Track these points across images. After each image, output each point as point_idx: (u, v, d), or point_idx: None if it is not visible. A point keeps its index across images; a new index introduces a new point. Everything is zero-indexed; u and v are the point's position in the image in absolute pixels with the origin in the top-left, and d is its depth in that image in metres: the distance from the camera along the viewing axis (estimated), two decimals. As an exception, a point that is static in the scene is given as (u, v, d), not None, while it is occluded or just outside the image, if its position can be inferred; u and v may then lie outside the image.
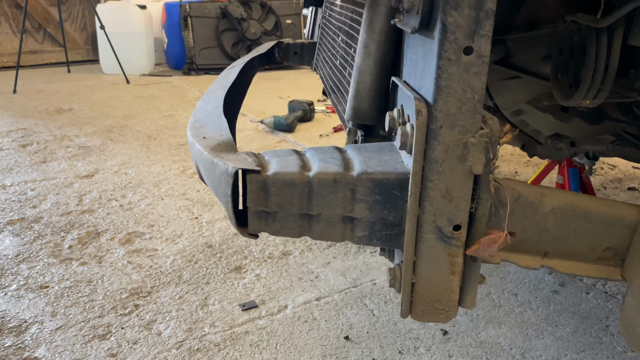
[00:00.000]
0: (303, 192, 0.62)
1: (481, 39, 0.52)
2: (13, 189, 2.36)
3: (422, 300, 0.64)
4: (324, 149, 0.69)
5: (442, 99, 0.53)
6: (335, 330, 1.39)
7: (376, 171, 0.61)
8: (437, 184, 0.57)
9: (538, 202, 0.66)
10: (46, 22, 5.13)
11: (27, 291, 1.58)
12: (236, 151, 0.68)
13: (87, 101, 4.04)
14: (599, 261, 0.70)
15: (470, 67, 0.53)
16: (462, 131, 0.55)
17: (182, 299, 1.54)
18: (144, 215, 2.10)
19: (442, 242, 0.60)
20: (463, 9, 0.50)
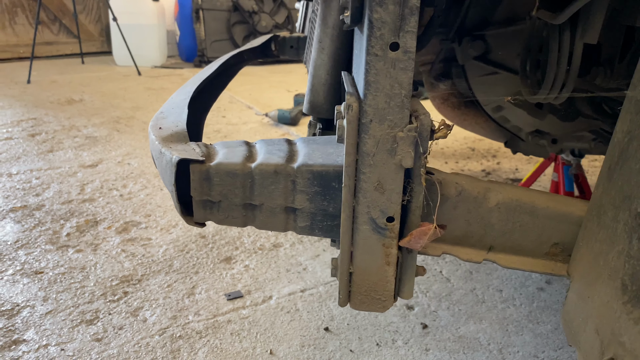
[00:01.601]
0: (245, 183, 0.64)
1: (407, 35, 0.53)
2: (18, 177, 2.42)
3: (359, 289, 0.65)
4: (275, 141, 0.70)
5: (371, 93, 0.54)
6: (316, 322, 1.41)
7: (316, 163, 0.63)
8: (369, 176, 0.58)
9: (482, 197, 0.67)
10: (61, 13, 5.21)
11: (22, 276, 1.63)
12: (187, 142, 0.71)
13: (98, 92, 4.10)
14: (547, 257, 0.70)
15: (397, 63, 0.54)
16: (391, 125, 0.56)
17: (170, 288, 1.57)
18: (142, 205, 2.14)
19: (376, 233, 0.62)
20: (388, 6, 0.51)
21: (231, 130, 3.17)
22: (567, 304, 0.65)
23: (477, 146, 2.89)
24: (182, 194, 0.66)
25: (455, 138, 3.03)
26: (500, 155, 2.75)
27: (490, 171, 2.50)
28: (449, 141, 2.93)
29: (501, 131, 1.28)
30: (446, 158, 2.66)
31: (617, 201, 0.57)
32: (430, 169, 0.67)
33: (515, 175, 2.45)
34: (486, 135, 1.40)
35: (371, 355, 1.29)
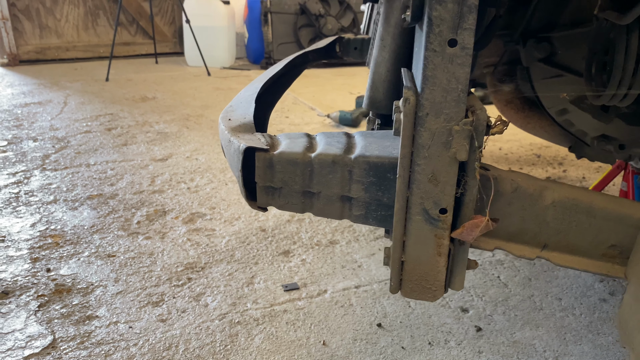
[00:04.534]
0: (305, 171, 0.67)
1: (464, 32, 0.54)
2: (95, 168, 2.59)
3: (410, 278, 0.67)
4: (334, 134, 0.74)
5: (429, 87, 0.57)
6: (369, 317, 1.43)
7: (372, 155, 0.65)
8: (424, 168, 0.60)
9: (538, 195, 0.67)
10: (139, 16, 5.49)
11: (96, 258, 1.75)
12: (254, 132, 0.75)
13: (170, 91, 4.30)
14: (603, 258, 0.70)
15: (455, 59, 0.56)
16: (447, 119, 0.58)
17: (231, 276, 1.64)
18: (208, 198, 2.24)
19: (429, 224, 0.64)
20: (447, 4, 0.53)
21: (293, 130, 3.24)
22: (623, 306, 0.65)
23: (543, 153, 2.81)
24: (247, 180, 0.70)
25: (520, 144, 2.96)
26: (567, 163, 2.67)
27: (556, 179, 2.43)
28: (514, 147, 2.87)
29: (566, 135, 1.25)
30: (510, 164, 2.60)
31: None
32: (486, 165, 0.68)
33: (582, 183, 2.37)
34: (550, 139, 1.37)
35: (423, 353, 1.30)
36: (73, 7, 5.35)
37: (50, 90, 4.29)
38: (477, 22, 0.64)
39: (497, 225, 0.65)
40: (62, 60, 5.44)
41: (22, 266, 1.70)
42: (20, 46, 5.22)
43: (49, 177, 2.47)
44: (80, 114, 3.58)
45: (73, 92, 4.21)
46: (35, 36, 5.29)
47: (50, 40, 5.36)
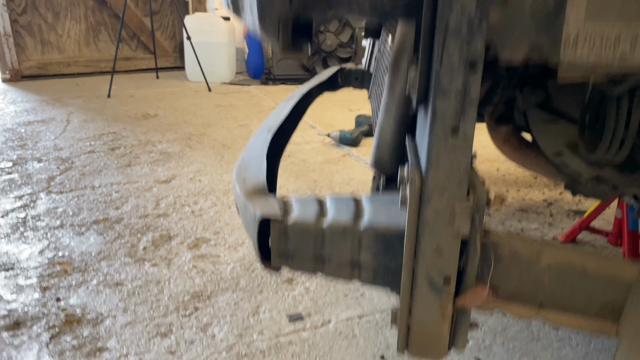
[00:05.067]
0: (317, 238, 0.72)
1: (466, 122, 0.59)
2: (100, 190, 2.63)
3: (416, 339, 0.72)
4: (343, 199, 0.78)
5: (433, 170, 0.61)
6: (372, 349, 1.48)
7: (380, 225, 0.70)
8: (429, 241, 0.65)
9: (534, 258, 0.72)
10: (140, 31, 5.54)
11: (104, 287, 1.79)
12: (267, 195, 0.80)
13: (171, 107, 4.34)
14: (596, 317, 0.74)
15: (457, 146, 0.60)
16: (449, 198, 0.63)
17: (236, 305, 1.68)
18: (212, 222, 2.28)
19: (433, 291, 0.68)
20: (451, 97, 0.58)
21: (294, 150, 3.28)
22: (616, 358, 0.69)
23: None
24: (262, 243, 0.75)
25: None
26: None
27: (552, 201, 2.48)
28: (511, 167, 2.92)
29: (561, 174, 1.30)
30: (507, 186, 2.65)
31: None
32: (486, 230, 0.73)
33: (578, 206, 2.42)
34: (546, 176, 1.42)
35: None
36: (75, 22, 5.41)
37: (53, 107, 4.34)
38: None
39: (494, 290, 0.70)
40: (64, 76, 5.49)
41: (32, 295, 1.74)
42: (22, 62, 5.26)
43: (55, 200, 2.51)
44: (83, 132, 3.62)
45: (75, 110, 4.25)
46: (37, 52, 5.34)
47: (51, 56, 5.40)
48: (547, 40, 0.61)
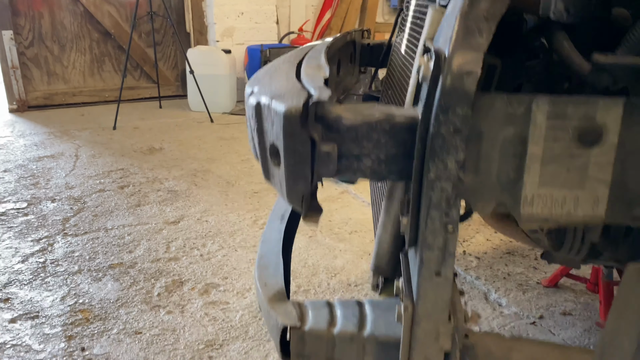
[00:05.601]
0: (329, 344, 0.89)
1: (447, 268, 0.76)
2: (113, 233, 2.79)
3: None
4: (350, 305, 0.95)
5: (421, 301, 0.78)
6: (371, 398, 1.64)
7: (381, 335, 0.87)
8: (419, 353, 0.82)
9: (505, 356, 0.89)
10: (143, 62, 5.72)
11: (125, 336, 1.95)
12: (286, 302, 0.97)
13: (176, 141, 4.51)
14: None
15: (440, 285, 0.77)
16: (435, 322, 0.79)
17: (247, 354, 1.84)
18: (220, 267, 2.44)
19: (423, 392, 0.85)
20: (434, 250, 0.75)
21: (296, 188, 3.44)
22: None
23: (527, 213, 3.03)
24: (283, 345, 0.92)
25: (506, 203, 3.18)
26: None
27: (538, 244, 2.65)
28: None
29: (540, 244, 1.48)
30: (496, 227, 2.82)
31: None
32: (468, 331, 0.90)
33: (562, 249, 2.59)
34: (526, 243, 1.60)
35: None
36: (80, 54, 5.58)
37: (61, 140, 4.50)
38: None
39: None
40: (69, 105, 5.66)
41: (58, 345, 1.90)
42: (28, 92, 5.43)
43: (71, 243, 2.67)
44: (92, 169, 3.78)
45: (83, 143, 4.42)
46: (44, 82, 5.51)
47: (57, 86, 5.57)
48: (510, 199, 0.78)
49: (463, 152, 0.71)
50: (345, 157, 0.78)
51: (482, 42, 0.70)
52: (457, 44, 0.70)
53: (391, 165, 0.78)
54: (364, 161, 0.78)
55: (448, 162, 0.71)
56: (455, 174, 0.71)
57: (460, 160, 0.71)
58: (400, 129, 0.76)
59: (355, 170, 0.78)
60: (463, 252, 2.55)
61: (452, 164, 0.71)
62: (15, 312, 2.10)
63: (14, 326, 2.01)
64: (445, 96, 0.69)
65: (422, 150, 0.73)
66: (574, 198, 0.77)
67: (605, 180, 0.76)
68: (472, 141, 0.76)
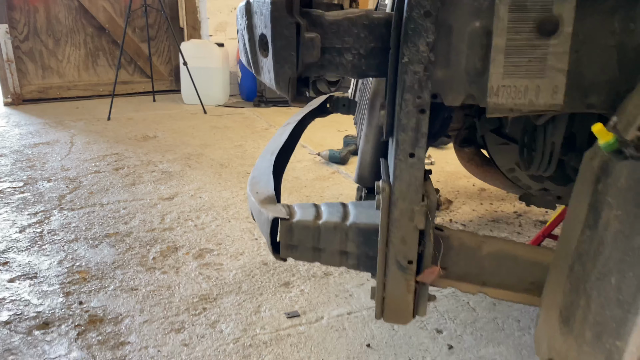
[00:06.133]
0: (315, 234, 0.96)
1: (419, 149, 0.84)
2: (109, 207, 2.85)
3: (389, 308, 0.95)
4: (335, 205, 1.03)
5: (397, 182, 0.86)
6: (360, 339, 1.71)
7: (361, 223, 0.94)
8: (396, 234, 0.89)
9: (477, 248, 0.96)
10: (137, 56, 5.80)
11: (121, 292, 2.01)
12: (275, 203, 1.04)
13: (170, 129, 4.58)
14: (525, 292, 0.99)
15: (414, 165, 0.85)
16: (410, 202, 0.87)
17: (240, 306, 1.91)
18: (214, 235, 2.51)
19: (400, 271, 0.92)
20: (408, 132, 0.83)
21: (288, 168, 3.51)
22: (537, 326, 0.93)
23: (512, 188, 3.13)
24: (273, 239, 0.99)
25: (492, 180, 3.28)
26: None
27: (522, 213, 2.74)
28: (486, 183, 3.18)
29: (516, 187, 1.56)
30: (482, 199, 2.91)
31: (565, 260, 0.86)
32: (442, 227, 0.98)
33: (545, 217, 2.69)
34: (504, 189, 1.68)
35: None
36: (74, 48, 5.65)
37: (56, 129, 4.55)
38: (433, 124, 0.94)
39: (447, 270, 0.93)
40: (64, 99, 5.71)
41: (57, 300, 1.95)
42: (23, 86, 5.48)
43: (68, 216, 2.73)
44: (87, 154, 3.84)
45: (78, 132, 4.47)
46: (38, 76, 5.57)
47: (52, 80, 5.63)
48: (478, 91, 0.86)
49: (433, 34, 0.79)
50: (328, 51, 0.86)
51: None
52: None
53: (370, 60, 0.86)
54: (345, 55, 0.86)
55: (419, 44, 0.79)
56: (426, 55, 0.80)
57: (430, 42, 0.79)
58: (378, 24, 0.85)
59: (338, 65, 0.86)
60: (450, 220, 2.63)
61: (423, 46, 0.79)
62: (14, 274, 2.15)
63: (12, 285, 2.07)
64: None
65: (397, 38, 0.81)
66: (535, 87, 0.86)
67: (563, 69, 0.84)
68: (442, 35, 0.84)
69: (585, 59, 0.84)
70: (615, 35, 0.83)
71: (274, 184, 1.13)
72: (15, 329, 1.78)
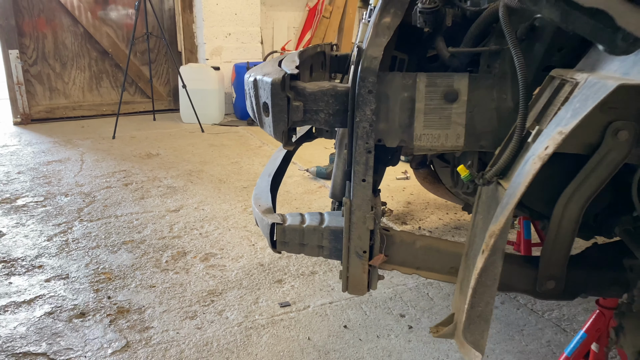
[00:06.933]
0: (301, 234, 1.38)
1: (369, 176, 1.27)
2: (123, 219, 3.26)
3: (351, 284, 1.37)
4: (314, 214, 1.45)
5: (354, 198, 1.28)
6: (338, 322, 2.13)
7: (332, 225, 1.37)
8: (355, 233, 1.31)
9: (412, 242, 1.39)
10: (138, 78, 6.22)
11: (142, 288, 2.42)
12: (273, 212, 1.47)
13: (171, 147, 4.99)
14: (448, 274, 1.41)
15: (365, 187, 1.27)
16: (363, 212, 1.30)
17: (242, 298, 2.33)
18: (217, 241, 2.93)
19: (358, 258, 1.34)
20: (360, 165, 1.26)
21: (279, 183, 3.95)
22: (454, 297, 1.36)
23: (476, 200, 3.58)
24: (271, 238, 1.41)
25: (459, 192, 3.73)
26: (493, 208, 3.43)
27: (481, 221, 3.18)
28: (454, 195, 3.63)
29: (458, 200, 2.00)
30: (448, 210, 3.36)
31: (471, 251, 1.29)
32: (388, 228, 1.41)
33: (500, 225, 3.13)
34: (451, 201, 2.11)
35: (372, 342, 2.00)
36: (80, 71, 6.07)
37: (66, 148, 4.95)
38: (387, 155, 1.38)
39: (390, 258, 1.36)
40: (69, 118, 6.11)
41: (89, 295, 2.36)
42: (32, 107, 5.88)
43: (87, 227, 3.13)
44: (98, 170, 4.25)
45: (86, 150, 4.88)
46: (46, 97, 5.97)
47: (58, 101, 6.04)
48: (407, 137, 1.30)
49: (375, 103, 1.23)
50: (308, 112, 1.29)
51: (384, 41, 1.22)
52: (369, 42, 1.22)
53: (336, 117, 1.30)
54: (320, 114, 1.30)
55: (366, 110, 1.23)
56: (371, 117, 1.23)
57: (373, 108, 1.23)
58: (341, 94, 1.29)
59: (315, 120, 1.29)
60: (419, 228, 3.07)
61: (369, 111, 1.23)
62: (49, 275, 2.55)
63: (49, 284, 2.47)
64: (362, 71, 1.21)
65: (352, 104, 1.25)
66: (445, 135, 1.30)
67: (462, 124, 1.29)
68: (382, 101, 1.28)
69: (477, 117, 1.29)
70: (494, 101, 1.27)
71: (271, 199, 1.56)
72: (58, 318, 2.19)
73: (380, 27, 1.23)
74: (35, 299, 2.33)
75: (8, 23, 5.56)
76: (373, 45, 1.21)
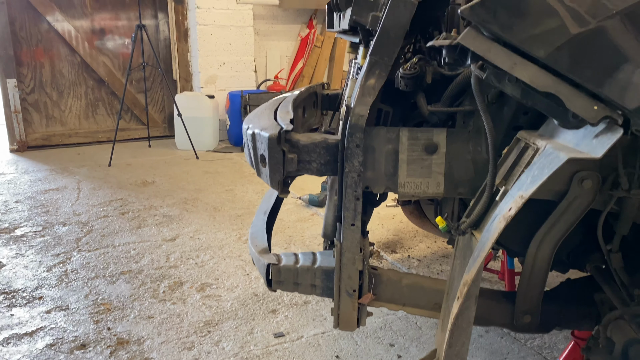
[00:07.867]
0: (295, 273, 1.49)
1: (357, 221, 1.38)
2: (120, 248, 3.35)
3: (342, 321, 1.48)
4: (307, 254, 1.56)
5: (344, 241, 1.40)
6: (331, 352, 2.23)
7: (324, 266, 1.48)
8: (345, 272, 1.42)
9: (398, 281, 1.50)
10: (133, 106, 6.34)
11: (140, 319, 2.50)
12: (268, 252, 1.57)
13: (166, 175, 5.09)
14: (432, 310, 1.52)
15: (354, 230, 1.39)
16: (352, 253, 1.41)
17: (237, 329, 2.42)
18: (212, 271, 3.02)
19: (348, 296, 1.45)
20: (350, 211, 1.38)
21: (273, 212, 4.05)
22: (437, 332, 1.47)
23: (463, 228, 3.69)
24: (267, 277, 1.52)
25: (447, 220, 3.85)
26: (480, 236, 3.55)
27: (468, 249, 3.30)
28: (442, 223, 3.75)
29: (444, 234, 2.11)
30: (436, 238, 3.47)
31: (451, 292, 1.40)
32: (375, 267, 1.52)
33: (486, 253, 3.25)
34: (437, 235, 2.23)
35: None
36: (76, 99, 6.18)
37: (62, 176, 5.04)
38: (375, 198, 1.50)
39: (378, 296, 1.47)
40: (65, 145, 6.20)
41: (89, 326, 2.44)
42: (28, 134, 5.98)
43: (86, 257, 3.22)
44: (95, 199, 4.33)
45: (83, 178, 4.96)
46: (42, 125, 6.07)
47: (55, 128, 6.14)
48: (392, 184, 1.42)
49: (362, 157, 1.35)
50: (301, 162, 1.41)
51: (370, 100, 1.35)
52: (357, 100, 1.35)
53: (327, 167, 1.42)
54: (312, 164, 1.42)
55: (354, 162, 1.36)
56: (358, 168, 1.36)
57: (360, 161, 1.35)
58: (332, 146, 1.41)
59: (307, 170, 1.41)
60: (408, 256, 3.18)
61: (357, 163, 1.35)
62: (49, 306, 2.63)
63: (49, 315, 2.55)
64: (351, 127, 1.34)
65: (342, 156, 1.37)
66: (426, 183, 1.42)
67: (442, 173, 1.41)
68: (369, 152, 1.40)
69: (455, 167, 1.41)
70: (470, 153, 1.40)
71: (267, 239, 1.67)
72: (60, 349, 2.26)
73: (366, 88, 1.36)
74: (36, 330, 2.40)
75: (6, 53, 5.68)
76: (360, 104, 1.34)
